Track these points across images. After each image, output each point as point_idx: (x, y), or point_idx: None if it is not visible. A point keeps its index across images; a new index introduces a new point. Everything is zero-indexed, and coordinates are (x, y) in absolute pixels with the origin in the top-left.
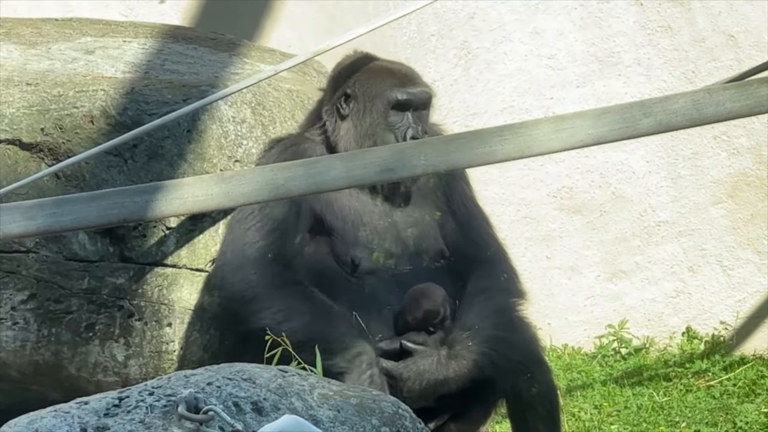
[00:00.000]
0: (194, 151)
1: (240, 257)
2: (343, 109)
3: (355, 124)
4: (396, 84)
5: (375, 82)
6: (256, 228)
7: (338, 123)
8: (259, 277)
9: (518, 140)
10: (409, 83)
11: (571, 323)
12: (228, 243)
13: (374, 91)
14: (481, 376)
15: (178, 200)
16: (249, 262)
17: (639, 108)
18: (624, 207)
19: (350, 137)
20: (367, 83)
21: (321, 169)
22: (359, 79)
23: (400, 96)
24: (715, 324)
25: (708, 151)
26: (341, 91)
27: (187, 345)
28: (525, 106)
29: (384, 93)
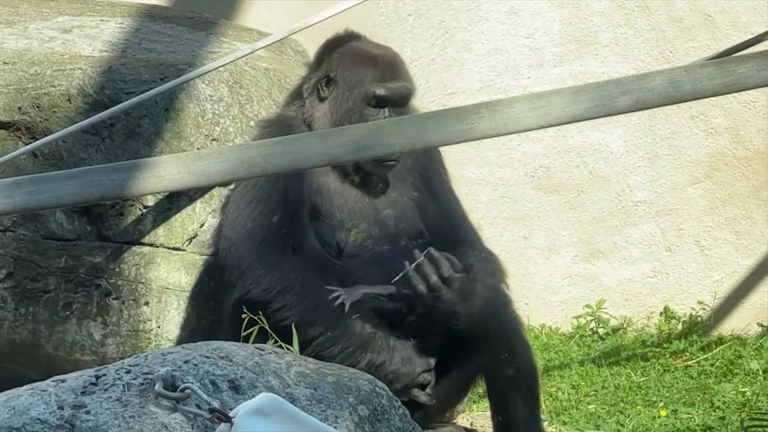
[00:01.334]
0: (171, 130)
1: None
2: (322, 92)
3: (332, 110)
4: (377, 77)
5: (357, 71)
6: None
7: (316, 104)
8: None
9: (495, 118)
10: (391, 77)
11: (549, 303)
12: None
13: (354, 80)
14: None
15: (155, 178)
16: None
17: (615, 86)
18: (601, 187)
19: (325, 121)
20: (350, 70)
21: (297, 147)
22: (342, 64)
23: (379, 91)
24: (693, 304)
25: (686, 131)
26: (323, 73)
27: (164, 323)
28: (502, 86)
29: (364, 85)
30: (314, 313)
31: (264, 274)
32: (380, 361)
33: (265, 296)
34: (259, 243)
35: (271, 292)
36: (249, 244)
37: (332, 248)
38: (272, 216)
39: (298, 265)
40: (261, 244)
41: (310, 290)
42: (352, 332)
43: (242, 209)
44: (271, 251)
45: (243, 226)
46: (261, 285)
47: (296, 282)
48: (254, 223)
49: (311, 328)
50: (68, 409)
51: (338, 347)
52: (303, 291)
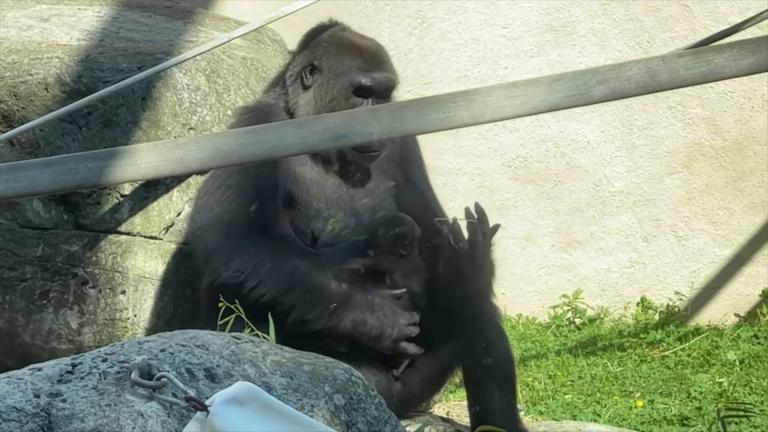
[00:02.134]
0: (148, 119)
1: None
2: (306, 79)
3: (315, 98)
4: (362, 67)
5: (342, 60)
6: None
7: (300, 92)
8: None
9: (471, 106)
10: (376, 68)
11: (525, 293)
12: (210, 212)
13: (340, 69)
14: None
15: (131, 166)
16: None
17: (592, 75)
18: (578, 177)
19: (309, 109)
20: (335, 59)
21: (274, 135)
22: (327, 53)
23: (364, 81)
24: (670, 294)
25: (663, 121)
26: (308, 61)
27: (140, 312)
28: (479, 76)
29: (349, 74)
30: (290, 281)
31: (232, 256)
32: (363, 317)
33: (237, 277)
34: (227, 226)
35: (243, 272)
36: (216, 227)
37: (307, 237)
38: (241, 200)
39: (267, 244)
40: (228, 227)
41: (283, 262)
42: (331, 292)
43: (211, 194)
44: (239, 234)
45: (210, 210)
46: (231, 267)
47: (267, 258)
48: (222, 207)
49: (289, 295)
50: (44, 398)
51: (318, 309)
52: (275, 264)
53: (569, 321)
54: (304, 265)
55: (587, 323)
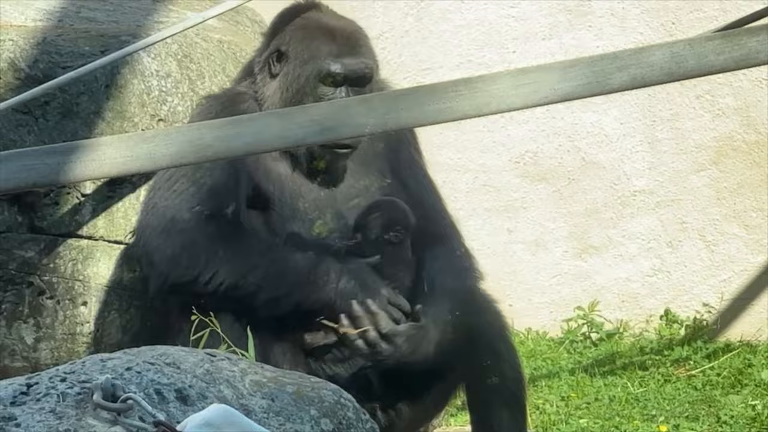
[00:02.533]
0: (113, 109)
1: (169, 224)
2: (274, 67)
3: (282, 88)
4: (333, 52)
5: (311, 45)
6: (189, 193)
7: (267, 81)
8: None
9: (475, 96)
10: (349, 53)
11: (535, 305)
12: (152, 208)
13: (307, 54)
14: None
15: (94, 162)
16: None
17: (611, 60)
18: (595, 174)
19: (275, 100)
20: (302, 44)
21: (255, 128)
22: (295, 37)
23: (334, 68)
24: (697, 306)
25: (690, 112)
26: (275, 46)
27: (104, 326)
28: (484, 61)
29: (316, 61)
30: (249, 261)
31: (179, 253)
32: (337, 288)
33: (189, 274)
34: (171, 222)
35: (193, 267)
36: (162, 224)
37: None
38: (191, 194)
39: (219, 234)
40: (173, 223)
41: (238, 243)
42: (297, 261)
43: (159, 186)
44: (186, 227)
45: (157, 205)
46: (179, 265)
47: (219, 246)
48: (167, 203)
49: (251, 276)
50: None
51: (288, 281)
52: (230, 248)
53: (584, 336)
54: (262, 242)
55: (605, 338)
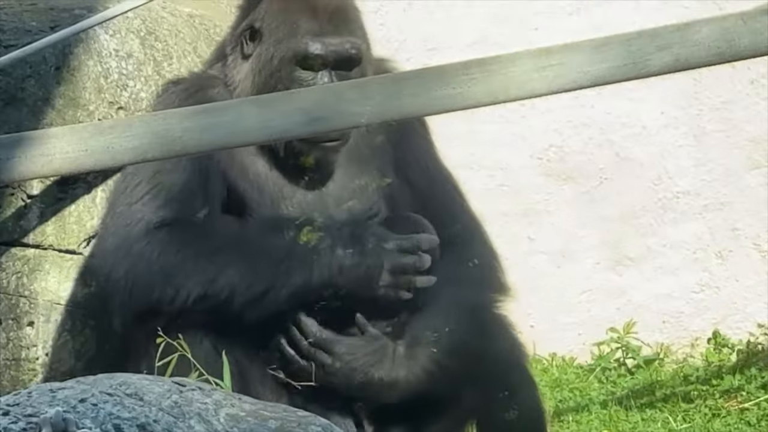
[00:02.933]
0: (65, 95)
1: (126, 236)
2: (246, 46)
3: (254, 72)
4: (312, 30)
5: (287, 21)
6: (148, 199)
7: (239, 62)
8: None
9: (490, 80)
10: (333, 31)
11: (562, 326)
12: (110, 220)
13: (282, 32)
14: (443, 391)
15: (42, 157)
16: (137, 238)
17: (650, 38)
18: (631, 173)
19: (246, 86)
20: (278, 19)
21: (230, 117)
22: (271, 11)
23: (312, 48)
24: (751, 327)
25: (743, 99)
26: (248, 22)
27: (54, 350)
28: (501, 39)
29: (293, 39)
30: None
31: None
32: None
33: (149, 296)
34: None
35: (154, 287)
36: (115, 242)
37: None
38: (149, 203)
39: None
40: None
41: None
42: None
43: (114, 199)
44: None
45: (111, 221)
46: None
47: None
48: (125, 214)
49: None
50: None
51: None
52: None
53: (619, 362)
54: (228, 235)
55: (642, 365)
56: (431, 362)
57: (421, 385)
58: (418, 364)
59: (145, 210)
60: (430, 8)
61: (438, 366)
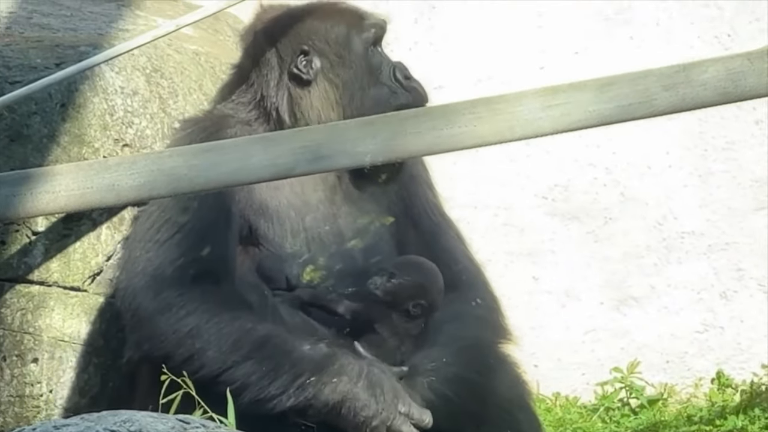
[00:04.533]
0: (70, 132)
1: (155, 276)
2: (304, 73)
3: (333, 85)
4: (360, 17)
5: (336, 26)
6: (180, 238)
7: (300, 92)
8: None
9: (496, 119)
10: (366, 14)
11: (565, 365)
12: (133, 260)
13: (341, 34)
14: (445, 427)
15: (47, 194)
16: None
17: (656, 78)
18: (636, 212)
19: (328, 105)
20: (328, 30)
21: (236, 155)
22: (313, 29)
23: (376, 29)
24: (756, 368)
25: (748, 139)
26: (291, 50)
27: (58, 387)
28: (506, 77)
29: (356, 31)
30: (237, 347)
31: (161, 319)
32: (353, 389)
33: (166, 346)
34: (154, 278)
35: (173, 339)
36: (144, 280)
37: (280, 283)
38: (177, 245)
39: (205, 301)
40: (157, 280)
41: (227, 323)
42: (301, 355)
43: (140, 238)
44: (172, 287)
45: (136, 261)
46: (158, 333)
47: (203, 324)
48: (150, 255)
49: (238, 368)
50: None
51: (282, 380)
52: (216, 327)
53: (623, 402)
54: (257, 323)
55: (646, 405)
56: (431, 393)
57: None
58: (418, 394)
59: (176, 252)
60: (435, 46)
61: (438, 398)
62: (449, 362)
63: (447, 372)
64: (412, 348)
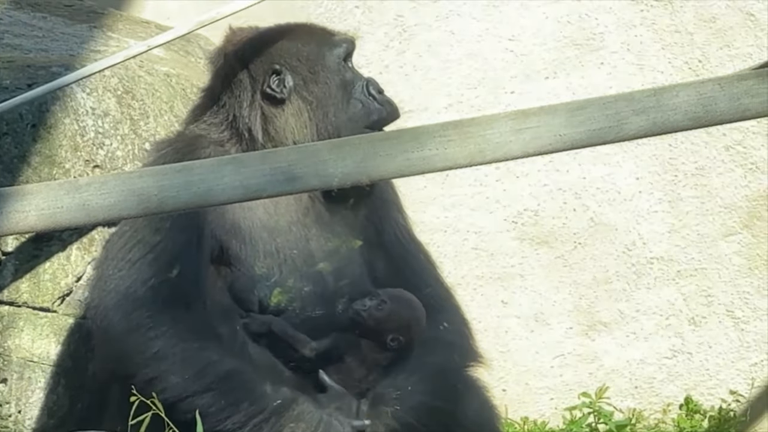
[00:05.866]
0: (41, 153)
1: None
2: (277, 92)
3: (307, 102)
4: (330, 34)
5: (307, 44)
6: (152, 259)
7: (273, 111)
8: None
9: (467, 142)
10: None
11: (534, 390)
12: (111, 273)
13: (312, 52)
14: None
15: (17, 214)
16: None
17: (627, 102)
18: (606, 238)
19: (302, 123)
20: (300, 49)
21: (207, 176)
22: (284, 48)
23: (347, 44)
24: (724, 394)
25: (718, 166)
26: (263, 69)
27: (27, 408)
28: (477, 102)
29: (328, 48)
30: (200, 378)
31: (129, 338)
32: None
33: (132, 366)
34: (126, 297)
35: (139, 359)
36: (116, 299)
37: (251, 305)
38: (148, 265)
39: (172, 329)
40: (128, 300)
41: (195, 350)
42: (261, 394)
43: (111, 258)
44: (143, 308)
45: (111, 276)
46: (126, 352)
47: (170, 348)
48: (126, 272)
49: (198, 399)
50: None
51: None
52: (185, 356)
53: (591, 427)
54: (223, 356)
55: (614, 431)
56: (396, 421)
57: None
58: (382, 422)
59: (148, 273)
60: (406, 71)
61: (403, 426)
62: (415, 390)
63: (412, 400)
64: (378, 377)
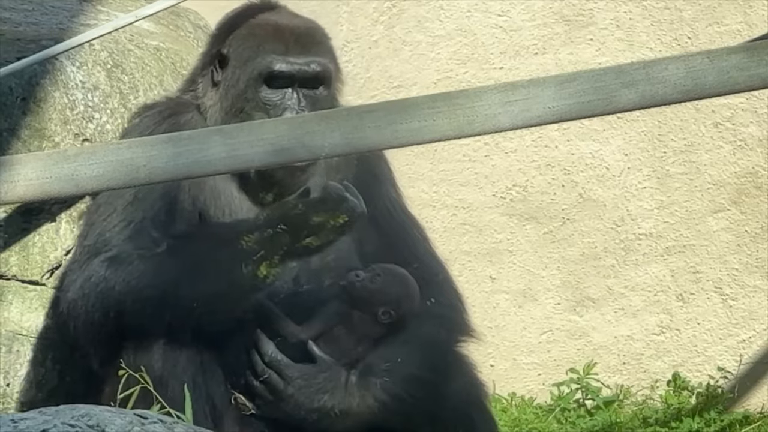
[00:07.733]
0: (30, 126)
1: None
2: (216, 73)
3: (222, 96)
4: (277, 49)
5: (252, 43)
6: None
7: (209, 90)
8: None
9: (455, 114)
10: (297, 50)
11: (521, 366)
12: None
13: (248, 54)
14: (396, 426)
15: (6, 184)
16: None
17: (616, 75)
18: (594, 214)
19: (216, 111)
20: (244, 43)
21: (195, 146)
22: (237, 36)
23: (277, 66)
24: (711, 371)
25: (707, 142)
26: (217, 50)
27: (15, 381)
28: (466, 78)
29: (257, 59)
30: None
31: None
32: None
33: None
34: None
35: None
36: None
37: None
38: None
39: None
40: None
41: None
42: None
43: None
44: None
45: (82, 245)
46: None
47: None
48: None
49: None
50: None
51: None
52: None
53: (578, 403)
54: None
55: (602, 407)
56: (384, 393)
57: (374, 416)
58: (371, 394)
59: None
60: (395, 46)
61: (392, 397)
62: (404, 362)
63: (401, 372)
64: (368, 349)
